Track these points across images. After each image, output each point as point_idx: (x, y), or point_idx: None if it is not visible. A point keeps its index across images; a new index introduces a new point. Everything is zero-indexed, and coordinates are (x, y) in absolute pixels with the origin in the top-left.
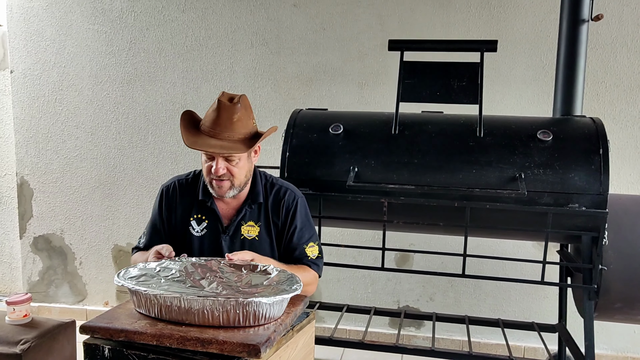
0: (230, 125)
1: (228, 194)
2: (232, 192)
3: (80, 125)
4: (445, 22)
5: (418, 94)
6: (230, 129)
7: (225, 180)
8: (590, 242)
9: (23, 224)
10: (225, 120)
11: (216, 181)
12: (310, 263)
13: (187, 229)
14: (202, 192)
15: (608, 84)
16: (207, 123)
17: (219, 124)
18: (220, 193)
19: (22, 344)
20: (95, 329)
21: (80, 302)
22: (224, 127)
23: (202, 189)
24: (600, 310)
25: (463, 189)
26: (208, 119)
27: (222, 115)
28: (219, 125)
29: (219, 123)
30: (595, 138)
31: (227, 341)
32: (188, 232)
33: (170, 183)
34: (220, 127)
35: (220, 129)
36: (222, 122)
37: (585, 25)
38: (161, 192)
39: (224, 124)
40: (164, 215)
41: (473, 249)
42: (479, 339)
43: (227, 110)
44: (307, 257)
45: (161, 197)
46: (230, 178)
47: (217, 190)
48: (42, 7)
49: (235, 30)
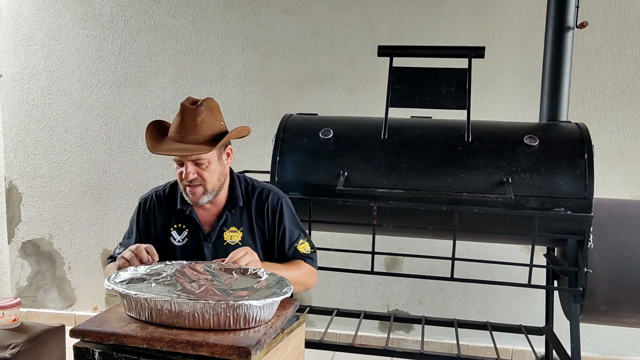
0: (194, 127)
1: (202, 200)
2: (206, 198)
3: (69, 130)
4: (434, 28)
5: (407, 99)
6: (194, 132)
7: (197, 186)
8: (576, 246)
9: (11, 229)
10: (189, 123)
11: (189, 187)
12: (304, 258)
13: (167, 240)
14: (180, 201)
15: (593, 90)
16: (172, 129)
17: (183, 127)
18: (195, 199)
19: (12, 349)
20: (86, 333)
21: (69, 307)
22: (187, 130)
23: (179, 198)
24: (586, 312)
25: (451, 193)
26: (173, 125)
27: (186, 118)
28: (183, 129)
29: (182, 127)
30: (580, 143)
31: (217, 344)
32: (169, 242)
33: (148, 195)
34: (184, 130)
35: (184, 133)
36: (185, 125)
37: (571, 32)
38: (139, 205)
39: (187, 127)
40: (141, 228)
41: (462, 253)
42: (467, 342)
43: (190, 113)
44: (300, 253)
45: (139, 210)
46: (202, 183)
47: (191, 196)
48: (32, 12)
49: (225, 35)
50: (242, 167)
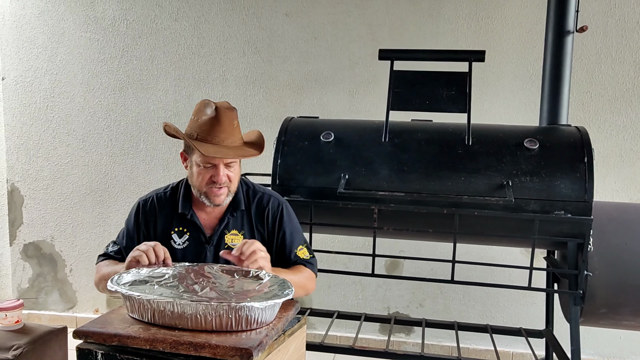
0: (232, 130)
1: (224, 201)
2: (227, 199)
3: (71, 132)
4: (435, 32)
5: (408, 102)
6: (233, 134)
7: (223, 188)
8: (576, 249)
9: (13, 231)
10: (227, 126)
11: (215, 189)
12: (304, 263)
13: (168, 243)
14: (182, 204)
15: (593, 94)
16: (206, 130)
17: (222, 130)
18: (218, 202)
19: (14, 350)
20: (88, 334)
21: (70, 309)
22: (227, 133)
23: (181, 201)
24: (586, 315)
25: (452, 196)
26: (206, 126)
27: (224, 121)
28: (222, 132)
29: (221, 129)
30: (580, 147)
31: (219, 345)
32: (170, 246)
33: (149, 197)
34: (224, 133)
35: (224, 136)
36: (224, 129)
37: (571, 36)
38: (138, 205)
39: (226, 130)
40: (141, 229)
41: (462, 256)
42: (467, 344)
43: (228, 116)
44: (300, 259)
45: (138, 210)
46: (228, 185)
47: (215, 199)
48: (35, 15)
49: (227, 38)
50: (243, 169)
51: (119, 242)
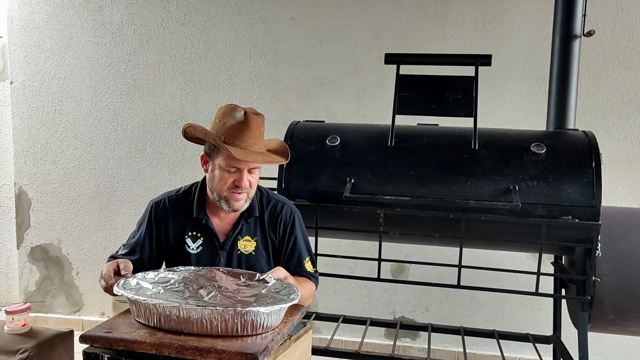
0: (260, 136)
1: (243, 207)
2: (246, 205)
3: (79, 136)
4: (441, 36)
5: (414, 106)
6: (260, 140)
7: (243, 193)
8: (584, 254)
9: (20, 234)
10: (256, 132)
11: (236, 194)
12: (309, 276)
13: (182, 247)
14: (197, 209)
15: (600, 98)
16: (235, 134)
17: (252, 135)
18: (237, 207)
19: (21, 353)
20: (95, 338)
21: (77, 312)
22: (255, 138)
23: (195, 205)
24: (594, 321)
25: (458, 201)
26: (234, 130)
27: (253, 127)
28: (252, 137)
29: (250, 134)
30: (587, 151)
31: (225, 350)
32: (183, 249)
33: (161, 199)
34: (253, 138)
35: (253, 140)
36: (252, 134)
37: (578, 40)
38: (151, 207)
39: (254, 135)
40: (153, 231)
41: (468, 260)
42: (474, 350)
43: (257, 122)
44: (306, 271)
45: (150, 212)
46: (248, 190)
47: (235, 203)
48: (43, 19)
49: (233, 42)
50: None
51: (129, 244)
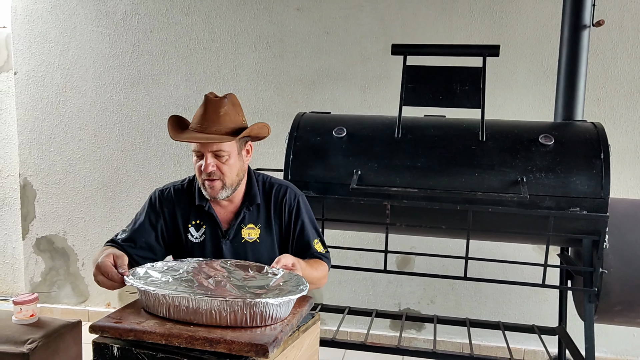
0: (217, 118)
1: (220, 195)
2: (224, 193)
3: (83, 127)
4: (448, 26)
5: (421, 98)
6: (217, 123)
7: (216, 180)
8: (591, 246)
9: (26, 225)
10: (212, 114)
11: (208, 181)
12: (321, 256)
13: (186, 236)
14: (198, 197)
15: (609, 89)
16: (195, 119)
17: (206, 118)
18: (213, 194)
19: (29, 344)
20: (105, 328)
21: (83, 303)
22: (210, 120)
23: (197, 193)
24: (601, 313)
25: (465, 193)
26: (196, 116)
27: (209, 109)
28: (206, 120)
29: (206, 117)
30: (596, 142)
31: (235, 341)
32: (187, 239)
33: (166, 188)
34: (207, 121)
35: (207, 123)
36: (209, 116)
37: (587, 30)
38: (156, 195)
39: (210, 118)
40: (159, 218)
41: (474, 252)
42: (479, 341)
43: (214, 104)
44: (317, 252)
45: (155, 199)
46: (220, 177)
47: (209, 191)
48: (47, 9)
49: (238, 33)
50: (255, 165)
51: (129, 230)
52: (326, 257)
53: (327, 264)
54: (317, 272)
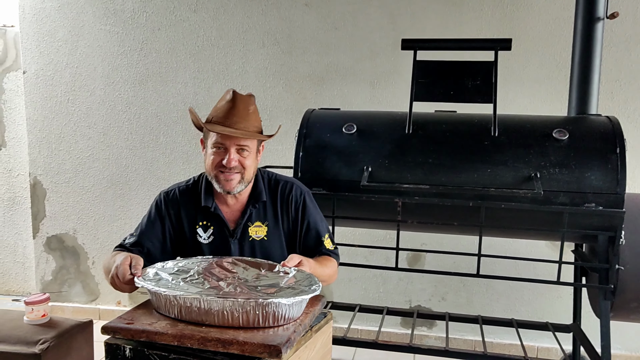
0: (247, 115)
1: (236, 189)
2: (240, 187)
3: (92, 126)
4: (458, 20)
5: (431, 93)
6: (246, 120)
7: (235, 173)
8: (607, 242)
9: (36, 224)
10: (242, 110)
11: (225, 174)
12: (330, 253)
13: (194, 237)
14: (204, 197)
15: (623, 82)
16: (221, 114)
17: (235, 114)
18: (228, 187)
19: (41, 344)
20: (117, 330)
21: (93, 301)
22: (240, 117)
23: (203, 194)
24: (616, 310)
25: (478, 189)
26: (221, 110)
27: (239, 105)
28: (235, 115)
29: (234, 113)
30: (611, 137)
31: (247, 342)
32: (195, 240)
33: (171, 190)
34: (236, 116)
35: (236, 119)
36: (238, 112)
37: (601, 23)
38: (160, 197)
39: (240, 114)
40: (164, 221)
41: (486, 249)
42: (491, 339)
43: (244, 101)
44: (326, 249)
45: (160, 202)
46: (241, 171)
47: (225, 184)
48: (55, 8)
49: (246, 30)
50: (264, 162)
51: (137, 234)
52: (335, 253)
53: (336, 261)
54: (327, 270)
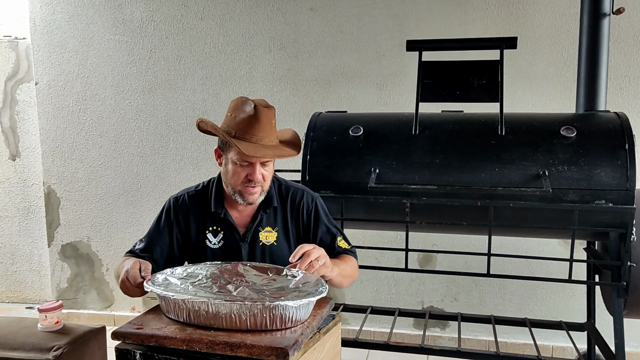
0: (271, 129)
1: (258, 200)
2: (260, 198)
3: (104, 134)
4: (463, 20)
5: (437, 93)
6: (271, 133)
7: (257, 187)
8: (618, 239)
9: (51, 232)
10: (266, 125)
11: (250, 188)
12: (348, 252)
13: (203, 242)
14: (214, 203)
15: (632, 78)
16: (245, 128)
17: (260, 130)
18: (252, 200)
19: (55, 351)
20: (127, 335)
21: (108, 307)
22: (266, 132)
23: (213, 200)
24: (630, 307)
25: (486, 188)
26: (244, 124)
27: (263, 120)
28: (260, 131)
29: (259, 128)
30: (620, 133)
31: (255, 345)
32: (205, 245)
33: (180, 195)
34: (262, 132)
35: (262, 135)
36: (263, 127)
37: (607, 19)
38: (169, 203)
39: (265, 129)
40: (173, 227)
41: (497, 248)
42: (505, 338)
43: (267, 115)
44: (342, 249)
45: (169, 207)
46: (262, 184)
47: (249, 197)
48: (65, 20)
49: (253, 35)
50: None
51: (145, 241)
52: (352, 252)
53: (355, 259)
54: (346, 266)
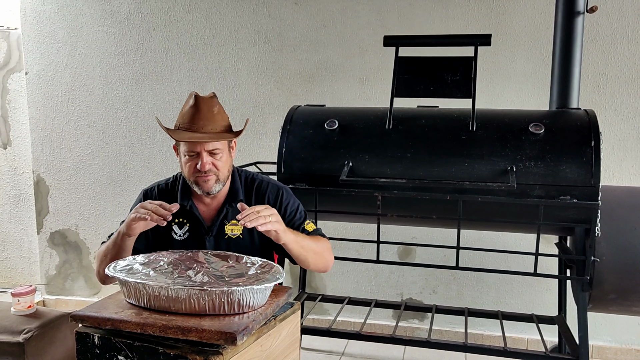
0: (212, 117)
1: (214, 189)
2: (217, 187)
3: (92, 124)
4: (444, 16)
5: (412, 89)
6: (212, 121)
7: (211, 175)
8: (583, 234)
9: (40, 220)
10: (206, 113)
11: (202, 177)
12: (315, 233)
13: (169, 234)
14: (181, 196)
15: (609, 76)
16: (187, 119)
17: (201, 117)
18: (207, 188)
19: (25, 333)
20: (84, 318)
21: (95, 294)
22: (205, 120)
23: (180, 192)
24: (595, 301)
25: (455, 182)
26: (186, 116)
27: (203, 108)
28: (201, 119)
29: (199, 117)
30: (587, 130)
31: (205, 329)
32: (170, 236)
33: (151, 187)
34: (202, 120)
35: (202, 122)
36: (203, 115)
37: (581, 17)
38: (143, 196)
39: (205, 117)
40: None
41: (475, 242)
42: (481, 331)
43: (207, 103)
44: (309, 231)
45: (140, 200)
46: (215, 172)
47: (204, 185)
48: (54, 10)
49: (238, 29)
50: (255, 158)
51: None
52: (320, 233)
53: (326, 239)
54: (316, 244)
